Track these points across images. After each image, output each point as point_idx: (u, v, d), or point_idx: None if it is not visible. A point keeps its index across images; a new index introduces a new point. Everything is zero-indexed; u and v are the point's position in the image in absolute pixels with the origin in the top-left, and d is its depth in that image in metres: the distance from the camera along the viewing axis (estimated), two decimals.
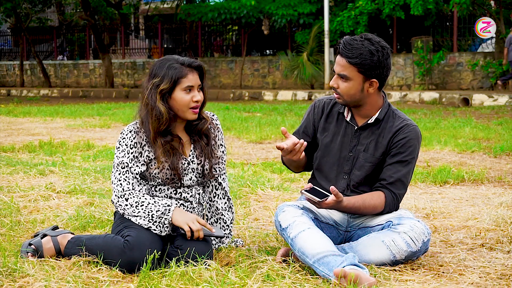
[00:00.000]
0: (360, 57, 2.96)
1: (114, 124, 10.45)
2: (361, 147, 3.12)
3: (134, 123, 3.08)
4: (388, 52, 3.02)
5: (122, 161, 3.00)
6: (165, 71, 2.99)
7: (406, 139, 3.07)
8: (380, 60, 2.98)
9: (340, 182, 3.15)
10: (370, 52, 2.96)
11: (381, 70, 3.00)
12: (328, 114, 3.22)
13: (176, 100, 3.00)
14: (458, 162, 6.18)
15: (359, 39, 2.99)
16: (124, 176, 3.00)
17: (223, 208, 3.27)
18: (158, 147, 3.01)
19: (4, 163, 5.90)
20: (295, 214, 2.96)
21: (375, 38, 3.01)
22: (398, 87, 18.71)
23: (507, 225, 3.67)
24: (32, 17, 25.14)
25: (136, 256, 2.79)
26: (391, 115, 3.14)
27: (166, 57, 3.07)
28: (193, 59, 3.04)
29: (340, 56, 3.01)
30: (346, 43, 2.99)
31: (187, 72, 3.00)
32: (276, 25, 20.42)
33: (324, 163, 3.19)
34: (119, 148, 3.04)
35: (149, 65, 23.05)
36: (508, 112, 12.23)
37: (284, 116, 11.45)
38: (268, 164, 6.05)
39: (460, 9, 15.75)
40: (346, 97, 3.06)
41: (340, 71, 3.02)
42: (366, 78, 3.01)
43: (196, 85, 3.02)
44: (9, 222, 3.68)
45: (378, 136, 3.11)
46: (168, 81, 2.98)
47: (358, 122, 3.15)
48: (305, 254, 2.82)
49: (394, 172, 3.06)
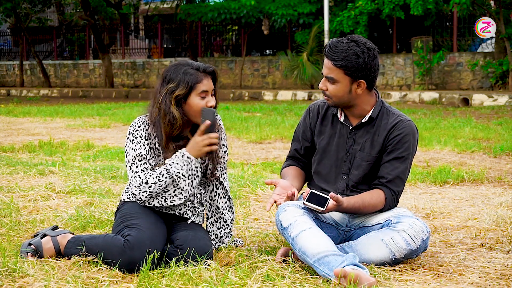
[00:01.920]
0: (345, 60, 2.98)
1: (114, 124, 10.45)
2: (357, 147, 3.14)
3: (144, 115, 3.08)
4: (375, 53, 3.03)
5: (140, 153, 2.98)
6: (181, 77, 3.00)
7: (401, 135, 3.08)
8: (366, 61, 2.99)
9: (340, 183, 3.16)
10: (356, 54, 2.98)
11: (368, 71, 3.02)
12: (323, 117, 3.24)
13: (191, 105, 3.01)
14: (458, 162, 6.18)
15: (345, 41, 3.01)
16: (142, 167, 2.97)
17: (223, 207, 3.27)
18: (169, 152, 3.01)
19: (4, 163, 5.90)
20: (296, 213, 2.96)
21: (362, 39, 3.02)
22: (398, 87, 18.71)
23: (507, 225, 3.67)
24: (32, 17, 25.12)
25: (136, 256, 2.79)
26: (385, 112, 3.15)
27: (180, 61, 3.08)
28: (207, 65, 3.05)
29: (327, 58, 3.04)
30: (332, 46, 3.02)
31: (202, 78, 3.01)
32: (276, 25, 20.41)
33: (323, 166, 3.21)
34: (134, 140, 3.01)
35: (149, 65, 23.06)
36: (508, 112, 12.23)
37: (284, 116, 11.45)
38: (268, 164, 6.05)
39: (460, 9, 15.74)
40: (335, 99, 3.08)
41: (327, 73, 3.05)
42: (353, 80, 3.03)
43: (210, 89, 3.04)
44: (9, 222, 3.68)
45: (373, 134, 3.12)
46: (184, 87, 2.98)
47: (352, 122, 3.17)
48: (305, 254, 2.83)
49: (391, 169, 3.07)
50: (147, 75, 23.06)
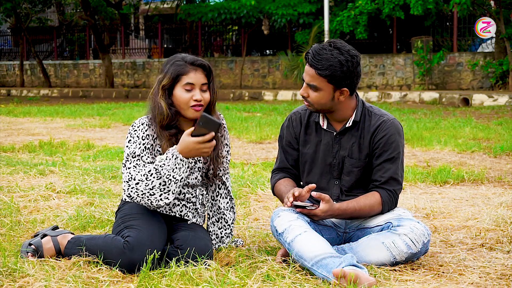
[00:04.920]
0: (330, 69, 2.93)
1: (114, 124, 10.45)
2: (344, 152, 3.12)
3: (145, 116, 3.07)
4: (358, 61, 2.99)
5: (134, 152, 2.98)
6: (168, 67, 3.01)
7: (386, 136, 3.06)
8: (350, 70, 2.96)
9: (333, 189, 3.16)
10: (340, 62, 2.93)
11: (352, 79, 2.99)
12: (306, 125, 3.21)
13: (176, 97, 3.00)
14: (458, 162, 6.18)
15: (328, 49, 2.95)
16: (134, 164, 2.95)
17: (225, 207, 3.27)
18: (164, 140, 3.00)
19: (4, 163, 5.90)
20: (290, 218, 2.95)
21: (345, 46, 2.98)
22: (398, 87, 18.70)
23: (507, 225, 3.67)
24: (32, 17, 25.12)
25: (136, 256, 2.79)
26: (367, 113, 3.12)
27: (176, 54, 3.08)
28: (196, 58, 3.02)
29: (310, 66, 2.99)
30: (315, 53, 2.96)
31: (188, 70, 2.99)
32: (276, 25, 20.41)
33: (313, 175, 3.19)
34: (131, 140, 3.01)
35: (149, 65, 23.06)
36: (508, 112, 12.23)
37: (284, 116, 11.45)
38: (268, 164, 6.05)
39: (460, 9, 15.73)
40: (317, 106, 3.05)
41: (310, 81, 3.00)
42: (336, 88, 2.99)
43: (198, 84, 3.00)
44: (9, 222, 3.68)
45: (358, 137, 3.10)
46: (168, 77, 2.99)
47: (335, 127, 3.14)
48: (303, 258, 2.82)
49: (383, 172, 3.06)
50: (147, 75, 23.05)
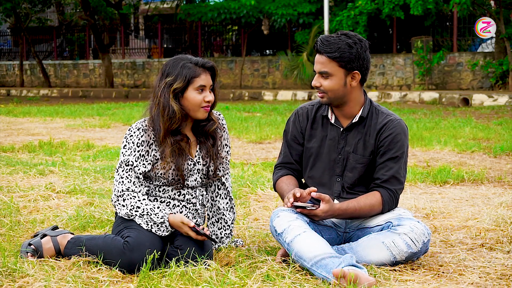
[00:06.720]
0: (339, 51, 2.99)
1: (114, 124, 10.45)
2: (349, 148, 3.13)
3: (142, 120, 3.06)
4: (366, 45, 3.06)
5: (128, 160, 2.99)
6: (179, 70, 3.01)
7: (392, 135, 3.08)
8: (359, 51, 3.02)
9: (335, 186, 3.15)
10: (348, 45, 3.00)
11: (361, 61, 3.03)
12: (313, 120, 3.22)
13: (189, 99, 3.01)
14: (458, 162, 6.18)
15: (336, 35, 3.04)
16: (127, 174, 2.98)
17: (224, 208, 3.27)
18: (166, 146, 3.00)
19: (4, 163, 5.90)
20: (289, 218, 2.95)
21: (351, 32, 3.06)
22: (398, 87, 18.70)
23: (507, 225, 3.67)
24: (32, 17, 25.11)
25: (136, 257, 2.79)
26: (374, 111, 3.15)
27: (179, 56, 3.08)
28: (206, 60, 3.06)
29: (319, 54, 3.05)
30: (323, 40, 3.04)
31: (200, 72, 3.02)
32: (276, 25, 20.41)
33: (316, 169, 3.19)
34: (126, 146, 3.02)
35: (149, 65, 23.05)
36: (508, 112, 12.23)
37: (284, 116, 11.44)
38: (268, 164, 6.05)
39: (460, 9, 15.73)
40: (330, 94, 3.06)
41: (321, 68, 3.05)
42: (347, 72, 3.03)
43: (208, 85, 3.04)
44: (9, 222, 3.68)
45: (364, 134, 3.12)
46: (181, 80, 2.99)
47: (342, 123, 3.16)
48: (302, 258, 2.82)
49: (386, 170, 3.07)
50: (147, 75, 23.05)
